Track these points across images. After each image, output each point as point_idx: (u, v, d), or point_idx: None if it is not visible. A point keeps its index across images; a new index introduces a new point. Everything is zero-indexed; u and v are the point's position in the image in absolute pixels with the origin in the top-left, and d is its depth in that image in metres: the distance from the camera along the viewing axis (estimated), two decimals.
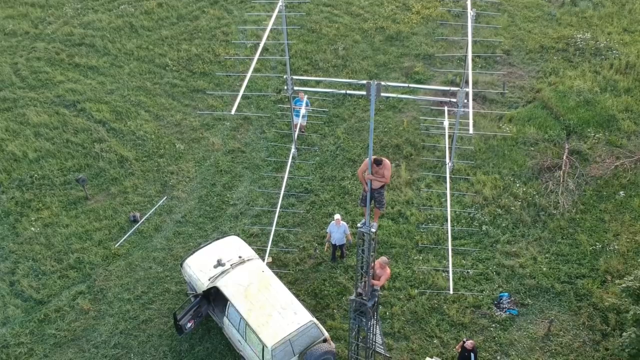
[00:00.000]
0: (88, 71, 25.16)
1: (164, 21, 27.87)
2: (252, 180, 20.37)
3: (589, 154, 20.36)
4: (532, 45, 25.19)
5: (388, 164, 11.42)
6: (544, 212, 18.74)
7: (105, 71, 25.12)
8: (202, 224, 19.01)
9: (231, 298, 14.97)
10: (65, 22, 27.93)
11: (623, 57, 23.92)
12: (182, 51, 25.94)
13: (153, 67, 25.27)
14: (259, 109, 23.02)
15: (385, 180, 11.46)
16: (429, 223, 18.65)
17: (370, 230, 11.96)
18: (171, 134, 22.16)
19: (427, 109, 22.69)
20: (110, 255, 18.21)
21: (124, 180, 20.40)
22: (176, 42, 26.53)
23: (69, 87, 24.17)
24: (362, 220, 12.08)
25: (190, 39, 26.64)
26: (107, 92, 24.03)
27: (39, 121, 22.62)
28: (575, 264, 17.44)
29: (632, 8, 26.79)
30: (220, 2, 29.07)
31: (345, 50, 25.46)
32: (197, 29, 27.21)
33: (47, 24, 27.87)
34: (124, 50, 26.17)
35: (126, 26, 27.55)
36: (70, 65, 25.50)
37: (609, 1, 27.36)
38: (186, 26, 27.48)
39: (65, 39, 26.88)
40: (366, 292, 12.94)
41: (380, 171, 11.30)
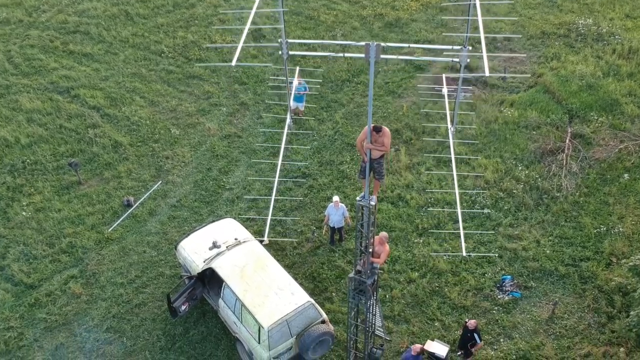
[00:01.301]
0: (82, 58, 24.77)
1: (160, 9, 27.50)
2: (249, 165, 19.96)
3: (592, 137, 19.97)
4: (533, 31, 24.83)
5: (387, 131, 11.01)
6: (547, 195, 18.34)
7: (100, 58, 24.73)
8: (197, 208, 18.59)
9: (226, 279, 14.54)
10: (59, 10, 27.54)
11: (626, 42, 23.58)
12: (178, 38, 25.56)
13: (148, 54, 24.88)
14: (256, 95, 22.61)
15: (385, 149, 11.05)
16: (429, 206, 18.24)
17: (370, 203, 11.56)
18: (166, 119, 21.76)
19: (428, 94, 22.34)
20: (103, 239, 17.77)
21: (117, 165, 19.98)
22: (172, 29, 26.16)
23: (62, 74, 23.77)
24: (361, 194, 11.68)
25: (187, 27, 26.27)
26: (102, 79, 23.63)
27: (32, 107, 22.20)
28: (580, 246, 17.03)
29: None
30: None
31: (344, 37, 25.09)
32: (194, 17, 26.84)
33: (42, 12, 27.49)
34: (119, 37, 25.78)
35: (121, 14, 27.17)
36: (64, 53, 25.10)
37: None
38: (182, 14, 27.11)
39: (59, 27, 26.49)
40: (365, 270, 12.53)
41: (380, 139, 10.90)
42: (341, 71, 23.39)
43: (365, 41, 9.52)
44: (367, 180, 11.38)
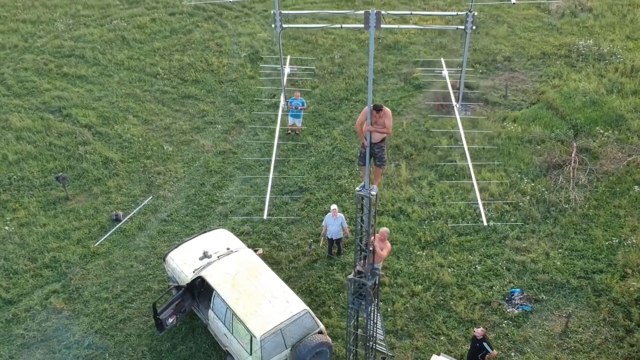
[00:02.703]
0: (76, 80, 24.38)
1: (157, 34, 27.33)
2: (244, 180, 19.21)
3: (599, 151, 19.31)
4: (534, 52, 24.53)
5: (389, 111, 10.31)
6: (555, 208, 17.54)
7: (94, 80, 24.33)
8: (189, 223, 17.74)
9: (217, 287, 13.58)
10: (55, 36, 27.36)
11: (628, 61, 23.24)
12: (174, 61, 25.24)
13: (143, 75, 24.50)
14: (252, 113, 22.07)
15: (386, 131, 10.32)
16: (432, 220, 17.42)
17: (371, 193, 10.77)
18: (159, 136, 21.14)
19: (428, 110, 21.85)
20: (89, 254, 16.85)
21: (107, 180, 19.24)
22: (168, 52, 25.88)
23: (55, 95, 23.32)
24: (360, 183, 10.91)
25: (183, 50, 26.01)
26: (95, 99, 23.15)
27: (21, 125, 21.63)
28: (592, 259, 16.11)
29: (634, 18, 26.33)
30: (214, 17, 28.65)
31: (342, 59, 24.78)
32: (191, 41, 26.62)
33: (38, 38, 27.30)
34: (114, 60, 25.48)
35: (118, 39, 26.96)
36: (58, 75, 24.74)
37: (610, 12, 26.94)
38: (179, 39, 26.91)
39: (54, 51, 26.22)
40: (366, 270, 11.63)
41: (381, 120, 10.18)
42: (339, 90, 22.94)
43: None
44: (367, 167, 10.63)
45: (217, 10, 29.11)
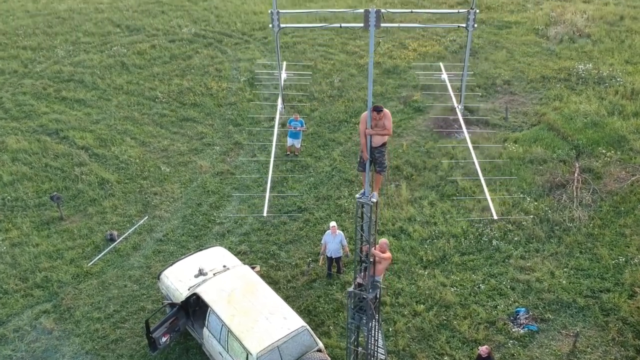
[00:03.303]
0: (74, 104, 24.28)
1: (156, 60, 27.34)
2: (242, 200, 18.89)
3: (602, 171, 19.03)
4: (533, 76, 24.50)
5: (389, 113, 10.08)
6: (559, 227, 17.17)
7: (92, 103, 24.22)
8: (184, 242, 17.35)
9: (212, 304, 13.14)
10: (55, 61, 27.39)
11: (628, 84, 23.15)
12: (173, 85, 25.18)
13: (142, 99, 24.40)
14: (251, 135, 21.89)
15: (387, 132, 10.07)
16: (433, 239, 17.04)
17: (371, 200, 10.46)
18: (157, 158, 20.90)
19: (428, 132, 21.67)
20: (82, 273, 16.42)
21: (102, 201, 18.92)
22: (168, 77, 25.85)
23: (53, 118, 23.19)
24: (360, 191, 10.61)
25: (182, 75, 25.98)
26: (93, 122, 22.99)
27: (17, 147, 21.43)
28: (598, 278, 15.68)
29: (632, 43, 26.38)
30: (214, 44, 28.73)
31: (341, 82, 24.73)
32: (190, 67, 26.63)
33: (37, 64, 27.32)
34: (113, 85, 25.42)
35: (117, 64, 26.97)
36: (56, 99, 24.65)
37: (608, 38, 27.01)
38: (179, 64, 26.92)
39: (54, 76, 26.20)
40: (367, 282, 11.24)
41: (381, 122, 9.95)
42: (339, 112, 22.81)
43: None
44: (367, 173, 10.35)
45: (216, 38, 29.23)
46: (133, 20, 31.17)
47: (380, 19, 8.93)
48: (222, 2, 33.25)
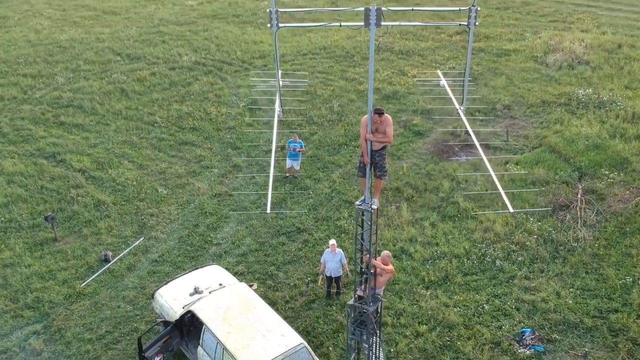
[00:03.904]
0: (73, 128, 24.14)
1: (156, 87, 27.33)
2: (239, 221, 18.56)
3: (606, 192, 18.74)
4: (533, 100, 24.45)
5: (390, 119, 9.88)
6: (563, 247, 16.80)
7: (90, 128, 24.09)
8: (180, 263, 16.94)
9: (207, 322, 12.69)
10: (55, 88, 27.40)
11: (629, 108, 23.07)
12: (172, 110, 25.09)
13: (141, 124, 24.28)
14: (250, 157, 21.68)
15: (387, 140, 9.84)
16: (435, 260, 16.65)
17: (371, 207, 10.17)
18: (154, 180, 20.65)
19: (429, 155, 21.47)
20: (74, 294, 15.98)
21: (98, 222, 18.59)
22: (167, 103, 25.79)
23: (50, 142, 23.02)
24: (361, 197, 10.33)
25: (182, 101, 25.93)
26: (90, 146, 22.81)
27: (14, 170, 21.18)
28: (605, 298, 15.24)
29: (631, 70, 26.42)
30: (214, 71, 28.79)
31: (341, 107, 24.67)
32: (190, 93, 26.60)
33: (37, 90, 27.31)
34: (112, 110, 25.35)
35: (117, 90, 26.96)
36: (54, 124, 24.53)
37: (607, 65, 27.08)
38: (178, 90, 26.90)
39: (53, 102, 26.15)
40: (367, 294, 10.85)
41: (382, 126, 9.73)
42: (338, 136, 22.66)
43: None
44: (367, 179, 10.08)
45: (217, 65, 29.31)
46: (134, 49, 31.33)
47: (380, 17, 8.79)
48: (223, 33, 33.50)
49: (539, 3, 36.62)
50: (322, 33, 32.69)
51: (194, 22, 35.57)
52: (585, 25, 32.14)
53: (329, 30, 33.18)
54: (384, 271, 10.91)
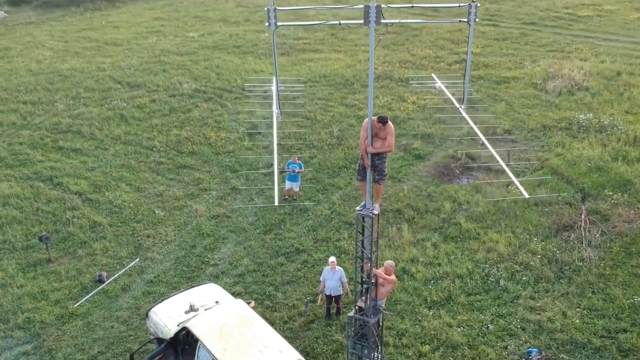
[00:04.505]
0: (71, 153, 23.97)
1: (156, 113, 27.29)
2: (237, 242, 18.22)
3: (609, 213, 18.45)
4: (534, 125, 24.36)
5: (392, 128, 9.69)
6: (568, 267, 16.43)
7: (89, 152, 23.93)
8: (176, 284, 16.54)
9: (202, 338, 12.26)
10: (54, 114, 27.35)
11: (630, 132, 22.94)
12: (171, 135, 24.97)
13: (140, 148, 24.12)
14: (249, 180, 21.45)
15: (388, 149, 9.64)
16: (437, 280, 16.25)
17: (372, 212, 9.90)
18: (152, 202, 20.38)
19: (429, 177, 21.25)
20: (67, 314, 15.55)
21: (93, 243, 18.26)
22: (166, 128, 25.69)
23: (48, 165, 22.84)
24: (361, 203, 10.07)
25: (181, 126, 25.84)
26: (88, 169, 22.61)
27: (9, 193, 20.95)
28: (613, 318, 14.80)
29: (631, 95, 26.40)
30: (214, 98, 28.79)
31: (341, 132, 24.56)
32: (189, 119, 26.54)
33: (36, 116, 27.26)
34: (111, 135, 25.24)
35: (116, 116, 26.91)
36: (53, 149, 24.38)
37: (606, 91, 27.08)
38: (178, 116, 26.84)
39: (52, 127, 26.07)
40: (369, 305, 10.48)
41: (383, 133, 9.53)
42: (338, 159, 22.48)
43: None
44: (368, 182, 9.83)
45: (217, 93, 29.33)
46: (134, 77, 31.43)
47: (380, 15, 8.69)
48: (223, 62, 33.66)
49: (536, 34, 36.91)
50: (322, 62, 32.86)
51: (195, 52, 35.81)
52: (584, 55, 32.31)
53: (329, 59, 33.40)
54: (386, 281, 10.55)
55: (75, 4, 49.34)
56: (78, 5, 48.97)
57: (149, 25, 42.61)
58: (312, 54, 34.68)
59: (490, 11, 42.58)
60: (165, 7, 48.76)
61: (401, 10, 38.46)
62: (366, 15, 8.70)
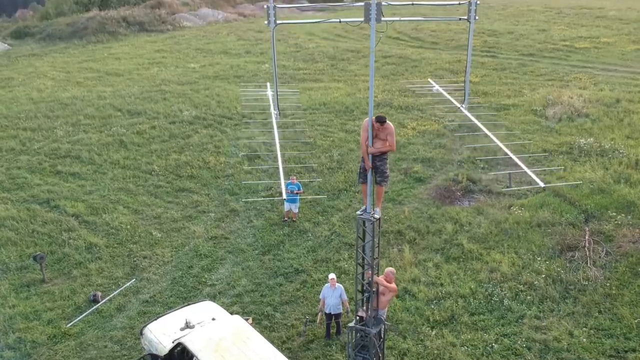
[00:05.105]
0: (69, 177, 23.81)
1: (155, 139, 27.23)
2: (235, 262, 17.89)
3: (614, 234, 18.16)
4: (535, 149, 24.25)
5: (392, 127, 9.56)
6: (573, 287, 16.07)
7: (87, 177, 23.76)
8: (172, 304, 16.12)
9: (198, 353, 11.87)
10: (54, 140, 27.30)
11: (632, 155, 22.81)
12: (170, 160, 24.84)
13: (138, 172, 23.96)
14: (248, 203, 21.21)
15: (389, 148, 9.47)
16: (440, 300, 15.88)
17: (373, 216, 9.67)
18: (149, 224, 20.11)
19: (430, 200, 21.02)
20: (59, 334, 15.13)
21: (88, 263, 17.93)
22: (166, 153, 25.59)
23: (45, 189, 22.65)
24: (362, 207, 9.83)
25: (181, 151, 25.74)
26: (86, 193, 22.41)
27: (5, 215, 20.70)
28: (622, 337, 14.38)
29: (631, 121, 26.39)
30: (214, 125, 28.80)
31: (341, 156, 24.45)
32: (189, 144, 26.47)
33: (35, 142, 27.21)
34: (109, 160, 25.12)
35: (116, 142, 26.85)
36: (51, 173, 24.22)
37: (606, 117, 27.08)
38: (177, 142, 26.78)
39: (50, 153, 25.97)
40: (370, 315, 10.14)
41: (382, 133, 9.38)
42: (338, 182, 22.30)
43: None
44: (369, 185, 9.62)
45: (217, 120, 29.35)
46: (134, 105, 31.54)
47: (380, 12, 8.63)
48: (224, 91, 33.84)
49: (535, 65, 37.22)
50: (322, 91, 33.02)
51: (196, 82, 36.04)
52: (583, 83, 32.49)
53: (328, 88, 33.57)
54: (387, 289, 10.24)
55: (77, 37, 49.99)
56: (81, 38, 49.59)
57: (151, 57, 43.04)
58: (312, 83, 34.89)
59: (488, 43, 43.09)
60: (166, 40, 49.38)
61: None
62: (367, 12, 8.63)
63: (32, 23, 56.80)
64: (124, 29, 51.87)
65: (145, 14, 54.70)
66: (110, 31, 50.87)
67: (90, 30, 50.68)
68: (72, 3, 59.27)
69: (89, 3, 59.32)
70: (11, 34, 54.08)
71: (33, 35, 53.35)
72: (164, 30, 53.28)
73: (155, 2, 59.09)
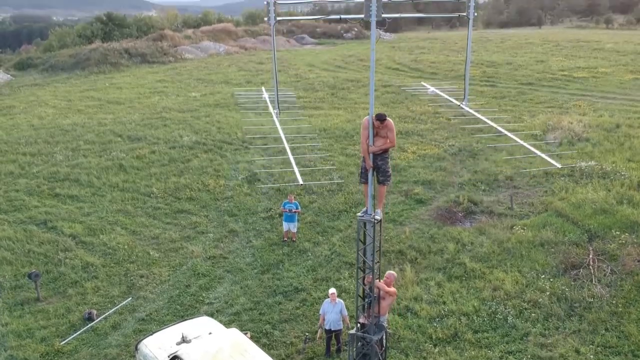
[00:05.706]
0: (67, 199, 23.61)
1: (155, 163, 27.13)
2: (234, 281, 17.58)
3: (618, 253, 17.89)
4: (536, 171, 24.13)
5: (392, 124, 9.43)
6: (579, 305, 15.74)
7: (85, 199, 23.57)
8: (169, 322, 15.73)
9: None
10: (53, 164, 27.19)
11: (634, 177, 22.67)
12: (169, 183, 24.70)
13: (137, 195, 23.79)
14: (247, 224, 20.99)
15: (390, 145, 9.34)
16: (443, 317, 15.53)
17: (375, 217, 9.48)
18: (147, 245, 19.85)
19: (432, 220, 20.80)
20: (52, 352, 14.75)
21: (84, 282, 17.62)
22: (165, 177, 25.46)
23: (43, 210, 22.44)
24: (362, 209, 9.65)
25: (180, 174, 25.62)
26: (84, 214, 22.19)
27: (1, 235, 20.46)
28: (630, 355, 14.02)
29: (632, 145, 26.34)
30: (214, 150, 28.74)
31: (341, 179, 24.31)
32: (189, 168, 26.36)
33: (34, 166, 27.10)
34: (109, 183, 24.97)
35: (115, 166, 26.74)
36: (49, 195, 24.03)
37: (607, 141, 27.05)
38: (177, 166, 26.68)
39: (49, 176, 25.81)
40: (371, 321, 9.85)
41: (383, 131, 9.27)
42: (338, 203, 22.11)
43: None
44: (370, 186, 9.45)
45: (217, 145, 29.32)
46: (135, 131, 31.54)
47: (381, 9, 8.60)
48: (224, 118, 33.92)
49: (534, 93, 37.41)
50: (322, 117, 33.08)
51: (197, 109, 36.16)
52: (582, 110, 32.59)
53: (329, 115, 33.66)
54: (387, 294, 9.97)
55: (80, 67, 50.44)
56: (83, 69, 50.03)
57: (152, 87, 43.32)
58: (313, 111, 34.98)
59: (487, 73, 43.45)
60: (168, 71, 49.82)
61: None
62: (367, 9, 8.61)
63: (35, 55, 57.43)
64: (126, 60, 52.39)
65: (148, 46, 55.35)
66: (112, 62, 51.35)
67: (93, 61, 51.18)
68: (75, 36, 60.03)
69: (92, 36, 60.06)
70: (14, 65, 54.60)
71: (36, 67, 53.85)
72: (166, 62, 53.80)
73: (157, 35, 59.88)
